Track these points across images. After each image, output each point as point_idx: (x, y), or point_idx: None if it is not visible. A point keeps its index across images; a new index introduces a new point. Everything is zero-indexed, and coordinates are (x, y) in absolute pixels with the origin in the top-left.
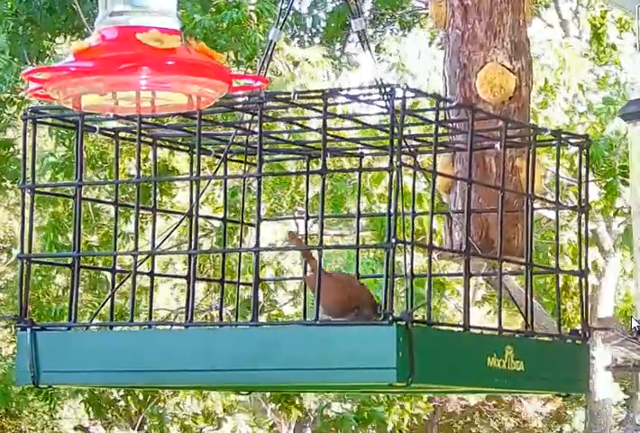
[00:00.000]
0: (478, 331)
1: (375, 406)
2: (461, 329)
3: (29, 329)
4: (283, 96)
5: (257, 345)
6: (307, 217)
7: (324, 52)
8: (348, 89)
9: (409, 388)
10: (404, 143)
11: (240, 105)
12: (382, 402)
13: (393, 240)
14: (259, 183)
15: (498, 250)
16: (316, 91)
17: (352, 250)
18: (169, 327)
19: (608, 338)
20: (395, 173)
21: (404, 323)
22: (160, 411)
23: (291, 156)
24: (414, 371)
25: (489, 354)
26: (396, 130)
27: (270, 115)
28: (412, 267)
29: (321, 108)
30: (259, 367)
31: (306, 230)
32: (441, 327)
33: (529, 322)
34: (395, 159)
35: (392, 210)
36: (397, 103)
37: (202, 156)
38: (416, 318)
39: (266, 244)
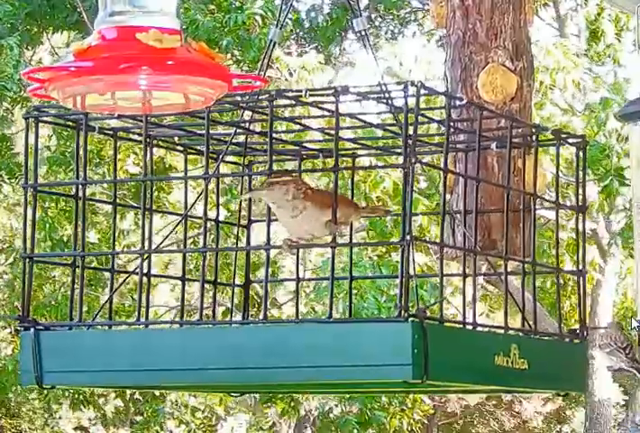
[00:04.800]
0: (485, 329)
1: (376, 410)
2: (469, 327)
3: (32, 329)
4: (294, 94)
5: (268, 342)
6: None
7: (320, 60)
8: (348, 87)
9: (422, 386)
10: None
11: (247, 103)
12: (384, 407)
13: (408, 237)
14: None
15: (503, 248)
16: (328, 88)
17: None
18: (176, 325)
19: (602, 345)
20: (410, 171)
21: (418, 320)
22: (157, 408)
23: (289, 157)
24: (428, 368)
25: (497, 352)
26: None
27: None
28: (414, 266)
29: (328, 107)
30: (270, 365)
31: None
32: (453, 325)
33: (532, 321)
34: (410, 156)
35: (407, 208)
36: (406, 100)
37: (197, 156)
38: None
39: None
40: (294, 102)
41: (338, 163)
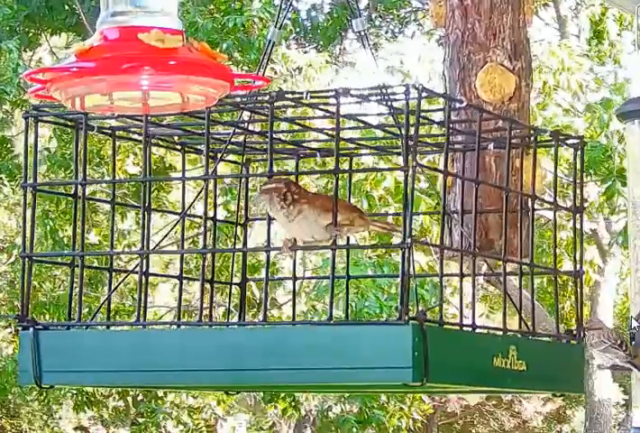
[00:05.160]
0: (484, 331)
1: (376, 409)
2: (468, 329)
3: (31, 329)
4: (294, 96)
5: (267, 343)
6: None
7: (326, 58)
8: (349, 89)
9: (422, 388)
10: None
11: (247, 104)
12: (383, 406)
13: (409, 239)
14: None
15: (502, 249)
16: (328, 91)
17: (354, 252)
18: (175, 326)
19: (594, 343)
20: (410, 173)
21: (418, 322)
22: (155, 408)
23: (287, 157)
24: (428, 370)
25: (495, 354)
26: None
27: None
28: (414, 267)
29: (329, 109)
30: (270, 367)
31: None
32: (452, 327)
33: (530, 322)
34: (410, 158)
35: (408, 209)
36: (407, 102)
37: (194, 156)
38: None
39: (260, 245)
40: (294, 103)
41: (338, 164)
